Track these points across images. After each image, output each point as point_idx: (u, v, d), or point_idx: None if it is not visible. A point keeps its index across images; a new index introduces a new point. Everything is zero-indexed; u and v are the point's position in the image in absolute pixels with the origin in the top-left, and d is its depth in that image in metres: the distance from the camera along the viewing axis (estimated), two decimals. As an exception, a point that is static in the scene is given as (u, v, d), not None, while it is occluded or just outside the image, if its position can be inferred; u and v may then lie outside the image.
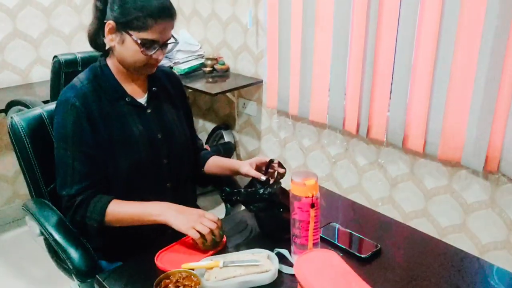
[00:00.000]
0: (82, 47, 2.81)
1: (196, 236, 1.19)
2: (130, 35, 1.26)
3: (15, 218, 2.79)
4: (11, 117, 1.41)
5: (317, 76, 2.41)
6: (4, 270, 2.42)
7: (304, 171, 1.14)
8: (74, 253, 1.27)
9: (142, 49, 1.27)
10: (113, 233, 1.33)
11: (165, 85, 1.48)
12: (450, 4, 1.84)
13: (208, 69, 2.92)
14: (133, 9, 1.24)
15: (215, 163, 1.54)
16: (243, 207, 1.39)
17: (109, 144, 1.31)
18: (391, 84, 2.13)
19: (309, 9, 2.32)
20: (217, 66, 2.92)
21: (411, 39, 1.98)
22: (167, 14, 1.28)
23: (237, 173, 1.44)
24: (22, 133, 1.40)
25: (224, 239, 1.26)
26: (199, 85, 2.74)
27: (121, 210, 1.29)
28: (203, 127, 3.34)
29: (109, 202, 1.29)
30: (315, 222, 1.11)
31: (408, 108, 2.09)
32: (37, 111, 1.44)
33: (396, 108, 2.12)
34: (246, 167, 1.37)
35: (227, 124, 3.16)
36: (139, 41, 1.26)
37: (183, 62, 2.92)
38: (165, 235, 1.41)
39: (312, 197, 1.09)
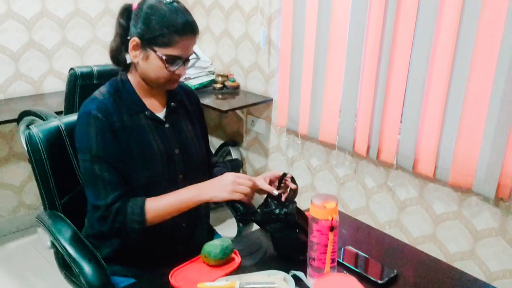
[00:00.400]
0: (94, 60, 2.86)
1: (241, 197, 1.25)
2: (155, 52, 1.28)
3: (19, 228, 2.78)
4: (29, 128, 1.41)
5: (328, 96, 2.42)
6: (7, 280, 2.40)
7: (324, 194, 1.14)
8: (87, 268, 1.26)
9: (166, 65, 1.28)
10: (126, 249, 1.32)
11: (183, 101, 1.49)
12: (466, 30, 1.85)
13: (218, 85, 2.94)
14: (158, 25, 1.26)
15: None
16: (255, 226, 1.39)
17: (129, 157, 1.32)
18: (403, 107, 2.14)
19: (323, 31, 2.34)
20: (227, 83, 2.94)
21: (425, 62, 2.00)
22: (191, 30, 1.30)
23: None
24: (39, 144, 1.40)
25: (239, 259, 1.25)
26: (209, 101, 2.75)
27: (159, 204, 1.30)
28: (211, 143, 3.34)
29: (144, 201, 1.30)
30: (333, 246, 1.11)
31: (419, 131, 2.09)
32: (55, 122, 1.45)
33: (407, 132, 2.13)
34: (260, 180, 1.37)
35: (234, 140, 3.16)
36: (164, 58, 1.27)
37: (193, 78, 2.94)
38: (177, 252, 1.41)
39: (332, 220, 1.09)
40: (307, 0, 2.37)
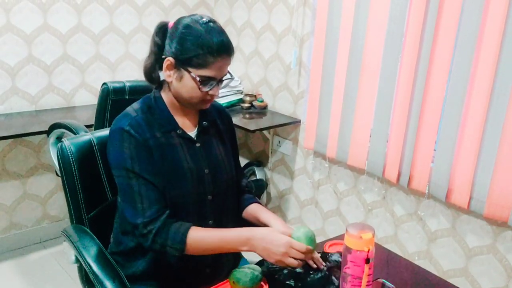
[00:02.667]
0: (126, 75, 2.90)
1: (285, 265, 1.19)
2: (189, 72, 1.26)
3: (42, 239, 2.79)
4: (61, 141, 1.41)
5: (359, 120, 2.37)
6: (27, 292, 2.39)
7: (360, 224, 1.09)
8: (110, 287, 1.23)
9: (200, 86, 1.27)
10: (152, 270, 1.29)
11: (215, 120, 1.47)
12: (506, 55, 1.80)
13: (246, 105, 2.93)
14: (193, 46, 1.24)
15: (253, 213, 1.47)
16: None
17: (161, 175, 1.30)
18: (437, 134, 2.07)
19: (356, 53, 2.31)
20: (255, 103, 2.93)
21: (463, 88, 1.94)
22: (227, 51, 1.27)
23: None
24: (70, 157, 1.40)
25: (266, 287, 1.21)
26: (236, 120, 2.74)
27: (203, 239, 1.27)
28: (235, 162, 3.32)
29: (188, 230, 1.26)
30: (368, 279, 1.06)
31: (454, 160, 2.02)
32: (87, 136, 1.44)
33: (441, 160, 2.06)
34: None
35: (260, 161, 3.13)
36: (198, 79, 1.26)
37: (222, 97, 2.93)
38: (202, 274, 1.37)
39: (368, 251, 1.04)
40: (340, 23, 2.35)
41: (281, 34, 2.77)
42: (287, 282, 1.22)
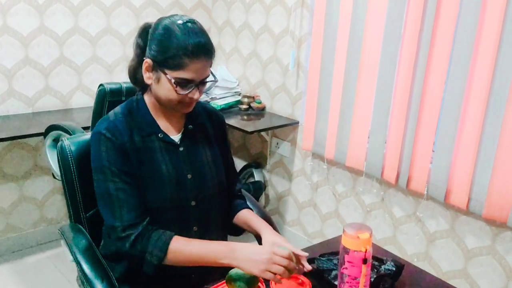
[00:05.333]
0: (123, 77, 2.86)
1: (272, 277, 1.14)
2: (165, 74, 1.23)
3: (39, 242, 2.77)
4: (62, 140, 1.41)
5: (357, 121, 2.37)
6: (23, 295, 2.37)
7: (357, 224, 1.08)
8: (99, 287, 1.23)
9: (176, 88, 1.23)
10: (139, 272, 1.27)
11: (204, 123, 1.44)
12: (504, 57, 1.79)
13: (244, 106, 2.92)
14: (168, 47, 1.21)
15: (244, 219, 1.44)
16: None
17: (139, 179, 1.28)
18: (436, 135, 2.06)
19: (354, 54, 2.31)
20: (253, 104, 2.92)
21: (461, 89, 1.93)
22: (204, 53, 1.23)
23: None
24: (69, 156, 1.40)
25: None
26: (234, 121, 2.73)
27: (184, 249, 1.23)
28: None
29: (171, 238, 1.24)
30: (365, 279, 1.04)
31: (452, 161, 2.01)
32: (87, 136, 1.44)
33: (439, 161, 2.05)
34: (269, 243, 1.27)
35: (258, 162, 3.12)
36: (173, 80, 1.22)
37: (219, 98, 2.93)
38: (191, 277, 1.35)
39: (366, 251, 1.03)
40: (338, 24, 2.35)
41: (279, 35, 2.77)
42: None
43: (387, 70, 2.19)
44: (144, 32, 1.29)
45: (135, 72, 1.33)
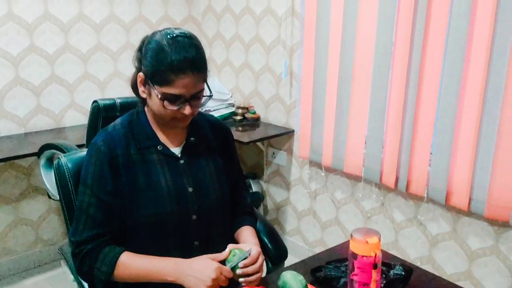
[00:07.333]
0: (115, 93, 2.86)
1: None
2: (154, 89, 1.21)
3: (36, 264, 2.72)
4: (59, 158, 1.39)
5: (353, 127, 2.36)
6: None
7: (365, 228, 1.06)
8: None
9: (164, 103, 1.21)
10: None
11: (207, 135, 1.41)
12: (498, 55, 1.80)
13: (238, 117, 2.91)
14: (157, 63, 1.19)
15: (238, 236, 1.42)
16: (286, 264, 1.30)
17: (131, 193, 1.25)
18: (433, 137, 2.06)
19: (347, 60, 2.31)
20: (248, 115, 2.91)
21: (456, 90, 1.93)
22: (191, 68, 1.18)
23: None
24: (66, 173, 1.38)
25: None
26: (230, 133, 2.71)
27: (132, 264, 1.22)
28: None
29: (120, 253, 1.22)
30: (376, 285, 1.02)
31: (451, 162, 2.01)
32: (84, 153, 1.42)
33: (438, 163, 2.05)
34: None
35: (255, 173, 3.10)
36: (159, 96, 1.20)
37: (214, 111, 2.92)
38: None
39: (375, 256, 1.01)
40: (329, 31, 2.35)
41: (270, 45, 2.77)
42: None
43: (381, 74, 2.19)
44: (142, 44, 1.28)
45: (135, 85, 1.31)
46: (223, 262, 1.20)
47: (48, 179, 2.22)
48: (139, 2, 2.88)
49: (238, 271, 1.18)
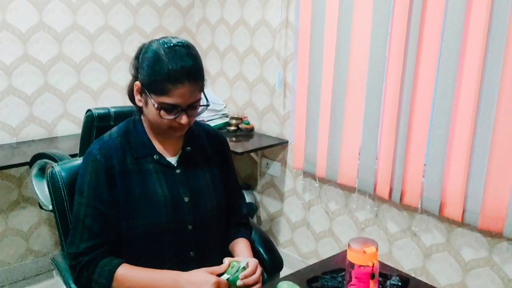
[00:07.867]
0: (109, 103, 2.85)
1: None
2: (151, 98, 1.21)
3: (26, 276, 2.67)
4: (52, 167, 1.37)
5: (347, 138, 2.37)
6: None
7: (362, 238, 1.06)
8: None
9: (160, 113, 1.21)
10: None
11: (204, 145, 1.41)
12: (491, 66, 1.82)
13: (232, 128, 2.91)
14: (153, 72, 1.18)
15: (233, 248, 1.41)
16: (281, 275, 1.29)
17: (126, 202, 1.24)
18: (427, 148, 2.07)
19: (341, 72, 2.32)
20: (241, 126, 2.91)
21: (449, 100, 1.94)
22: (187, 78, 1.17)
23: None
24: (60, 182, 1.36)
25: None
26: (224, 144, 2.71)
27: (130, 277, 1.20)
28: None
29: (118, 265, 1.21)
30: (374, 295, 1.02)
31: (445, 174, 2.02)
32: (78, 161, 1.41)
33: (431, 174, 2.06)
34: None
35: (248, 184, 3.09)
36: (156, 105, 1.20)
37: (207, 121, 2.91)
38: None
39: (373, 266, 1.01)
40: (324, 42, 2.37)
41: (264, 56, 2.78)
42: None
43: (374, 85, 2.21)
44: (139, 52, 1.28)
45: (131, 94, 1.31)
46: (220, 275, 1.19)
47: (40, 189, 2.19)
48: (134, 12, 2.89)
49: (239, 283, 1.16)
